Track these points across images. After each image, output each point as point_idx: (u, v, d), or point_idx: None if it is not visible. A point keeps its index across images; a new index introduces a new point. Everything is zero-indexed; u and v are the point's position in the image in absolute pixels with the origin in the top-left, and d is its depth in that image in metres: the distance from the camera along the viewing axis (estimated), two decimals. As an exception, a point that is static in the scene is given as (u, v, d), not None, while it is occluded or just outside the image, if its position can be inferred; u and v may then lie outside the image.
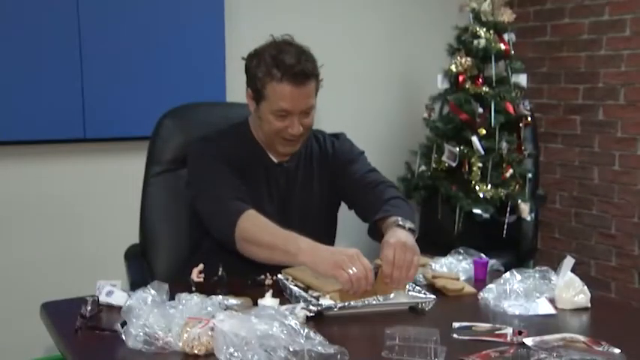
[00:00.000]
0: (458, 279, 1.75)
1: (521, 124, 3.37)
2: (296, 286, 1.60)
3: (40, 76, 2.75)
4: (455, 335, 1.39)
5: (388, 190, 1.90)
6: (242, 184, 1.81)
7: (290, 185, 1.92)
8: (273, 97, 1.76)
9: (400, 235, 1.65)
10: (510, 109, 3.28)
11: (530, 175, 3.37)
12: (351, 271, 1.51)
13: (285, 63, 1.73)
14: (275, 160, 1.91)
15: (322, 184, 1.96)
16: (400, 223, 1.70)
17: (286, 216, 1.85)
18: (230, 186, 1.78)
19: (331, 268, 1.53)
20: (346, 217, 2.08)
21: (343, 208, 2.05)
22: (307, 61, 1.78)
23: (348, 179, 1.94)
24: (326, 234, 1.94)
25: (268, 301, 1.47)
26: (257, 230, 1.69)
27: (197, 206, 1.84)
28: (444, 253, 1.94)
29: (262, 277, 1.73)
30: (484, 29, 3.31)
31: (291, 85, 1.74)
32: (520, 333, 1.37)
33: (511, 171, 3.30)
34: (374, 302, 1.52)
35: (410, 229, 1.70)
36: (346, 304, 1.49)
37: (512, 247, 3.32)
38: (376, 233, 1.79)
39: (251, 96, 1.82)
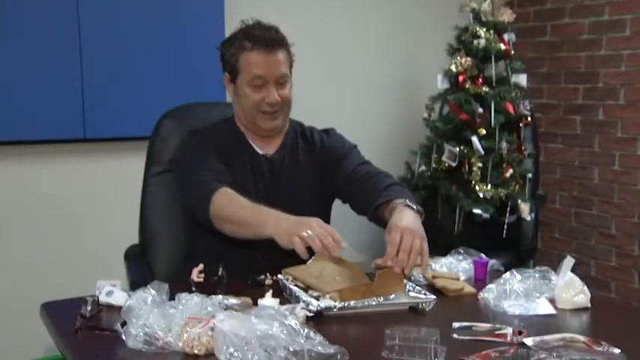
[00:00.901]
0: (458, 279, 1.75)
1: (521, 124, 3.37)
2: (296, 286, 1.60)
3: (40, 76, 2.75)
4: (455, 335, 1.39)
5: (385, 179, 1.91)
6: (225, 170, 1.84)
7: (275, 176, 1.94)
8: (246, 67, 1.84)
9: (409, 218, 1.66)
10: (510, 109, 3.28)
11: (530, 175, 3.37)
12: (305, 234, 1.53)
13: (255, 34, 1.85)
14: (260, 151, 1.93)
15: (310, 178, 1.96)
16: (408, 203, 1.71)
17: (272, 207, 1.84)
18: (210, 170, 1.82)
19: (287, 239, 1.56)
20: (343, 216, 2.09)
21: (339, 207, 2.05)
22: (277, 33, 1.88)
23: (341, 174, 1.95)
24: None
25: (268, 301, 1.47)
26: (229, 207, 1.72)
27: (182, 196, 1.89)
28: (444, 253, 1.94)
29: (262, 277, 1.73)
30: (484, 29, 3.31)
31: (262, 52, 1.83)
32: (520, 333, 1.37)
33: (511, 171, 3.30)
34: (374, 302, 1.52)
35: (417, 210, 1.71)
36: (346, 304, 1.49)
37: (512, 247, 3.32)
38: (379, 220, 1.82)
39: (228, 79, 1.91)
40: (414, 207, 1.71)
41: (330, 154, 1.99)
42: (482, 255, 1.90)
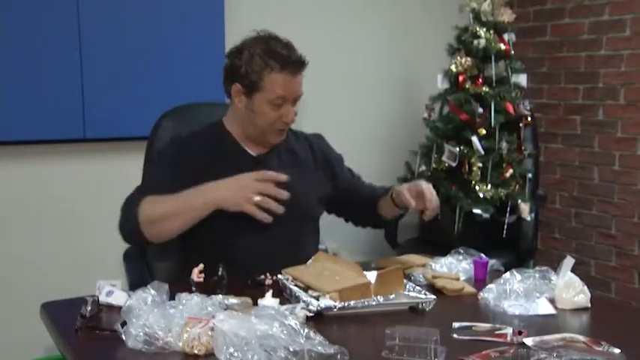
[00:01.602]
0: (458, 279, 1.75)
1: (521, 124, 3.36)
2: (296, 286, 1.60)
3: (40, 76, 2.75)
4: (455, 335, 1.39)
5: (377, 186, 2.11)
6: (175, 188, 1.77)
7: None
8: (271, 87, 1.82)
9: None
10: (510, 109, 3.28)
11: (530, 175, 3.37)
12: (256, 199, 1.66)
13: (281, 54, 1.81)
14: (252, 153, 1.94)
15: (306, 180, 1.98)
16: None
17: (268, 210, 1.84)
18: (149, 190, 1.81)
19: (236, 201, 1.67)
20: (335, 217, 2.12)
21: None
22: (296, 51, 1.86)
23: (340, 182, 2.05)
24: (312, 230, 2.02)
25: (268, 301, 1.47)
26: (155, 206, 1.74)
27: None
28: (444, 253, 1.95)
29: (262, 277, 1.73)
30: (484, 29, 3.31)
31: (290, 73, 1.82)
32: (520, 333, 1.37)
33: (511, 171, 3.30)
34: (374, 302, 1.52)
35: None
36: (346, 304, 1.49)
37: (512, 247, 3.32)
38: (377, 217, 2.05)
39: (241, 91, 1.86)
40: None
41: (326, 159, 2.05)
42: (483, 255, 1.90)
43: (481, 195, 3.21)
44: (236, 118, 1.93)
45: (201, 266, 1.64)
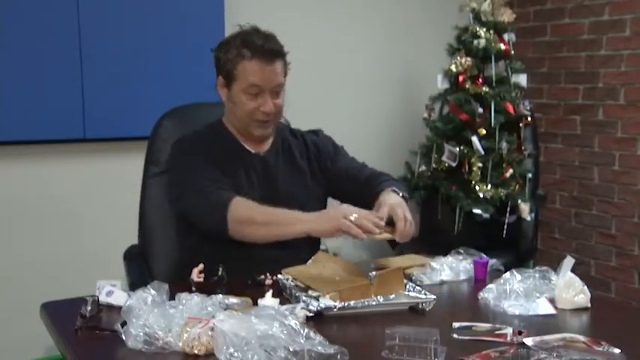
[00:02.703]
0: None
1: (521, 124, 3.37)
2: (296, 286, 1.60)
3: (40, 76, 2.75)
4: (455, 335, 1.39)
5: (383, 175, 2.02)
6: (221, 174, 1.85)
7: (270, 176, 1.95)
8: (243, 75, 1.84)
9: (396, 197, 1.84)
10: (510, 109, 3.28)
11: (530, 175, 3.37)
12: (353, 217, 1.64)
13: (255, 43, 1.84)
14: (252, 150, 1.95)
15: (306, 178, 1.99)
16: (394, 189, 1.88)
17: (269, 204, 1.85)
18: (210, 179, 1.82)
19: (333, 223, 1.67)
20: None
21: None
22: (274, 42, 1.88)
23: (342, 176, 2.02)
24: None
25: (268, 301, 1.47)
26: (249, 211, 1.76)
27: (182, 206, 1.88)
28: (444, 253, 1.94)
29: (262, 277, 1.73)
30: (484, 29, 3.31)
31: (260, 62, 1.83)
32: (520, 333, 1.37)
33: (511, 171, 3.30)
34: (374, 302, 1.52)
35: (403, 197, 1.87)
36: (346, 304, 1.49)
37: (512, 247, 3.32)
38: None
39: (222, 83, 1.91)
40: (400, 193, 1.88)
41: (325, 155, 2.04)
42: (483, 255, 1.90)
43: (481, 195, 3.21)
44: (226, 114, 1.97)
45: (201, 266, 1.64)
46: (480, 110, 3.27)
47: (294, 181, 1.97)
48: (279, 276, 1.67)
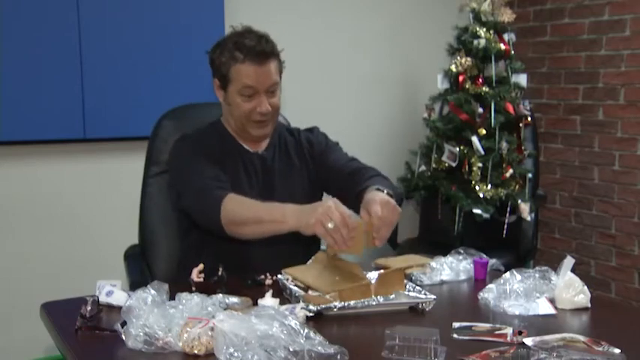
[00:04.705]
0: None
1: (521, 124, 3.37)
2: (296, 286, 1.61)
3: (40, 76, 2.75)
4: (455, 335, 1.39)
5: (369, 171, 1.96)
6: (221, 173, 1.85)
7: (268, 174, 1.96)
8: (237, 77, 1.85)
9: (382, 195, 1.71)
10: (510, 109, 3.29)
11: (530, 175, 3.37)
12: (330, 225, 1.54)
13: (246, 45, 1.84)
14: (250, 149, 1.96)
15: (303, 175, 2.00)
16: (379, 187, 1.76)
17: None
18: (209, 177, 1.82)
19: (313, 228, 1.57)
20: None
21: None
22: (267, 42, 1.87)
23: (329, 169, 2.00)
24: None
25: (268, 301, 1.47)
26: (241, 209, 1.73)
27: (182, 203, 1.88)
28: (444, 253, 1.94)
29: (262, 277, 1.73)
30: (484, 29, 3.31)
31: (253, 64, 1.83)
32: (520, 333, 1.37)
33: (511, 171, 3.30)
34: (374, 302, 1.52)
35: (388, 194, 1.75)
36: (346, 304, 1.49)
37: (512, 247, 3.32)
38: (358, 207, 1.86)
39: (218, 85, 1.91)
40: (385, 191, 1.76)
41: (317, 149, 2.04)
42: (483, 255, 1.90)
43: (481, 195, 3.21)
44: (224, 114, 1.98)
45: (201, 266, 1.64)
46: (480, 110, 3.27)
47: (290, 179, 1.98)
48: (279, 276, 1.67)
